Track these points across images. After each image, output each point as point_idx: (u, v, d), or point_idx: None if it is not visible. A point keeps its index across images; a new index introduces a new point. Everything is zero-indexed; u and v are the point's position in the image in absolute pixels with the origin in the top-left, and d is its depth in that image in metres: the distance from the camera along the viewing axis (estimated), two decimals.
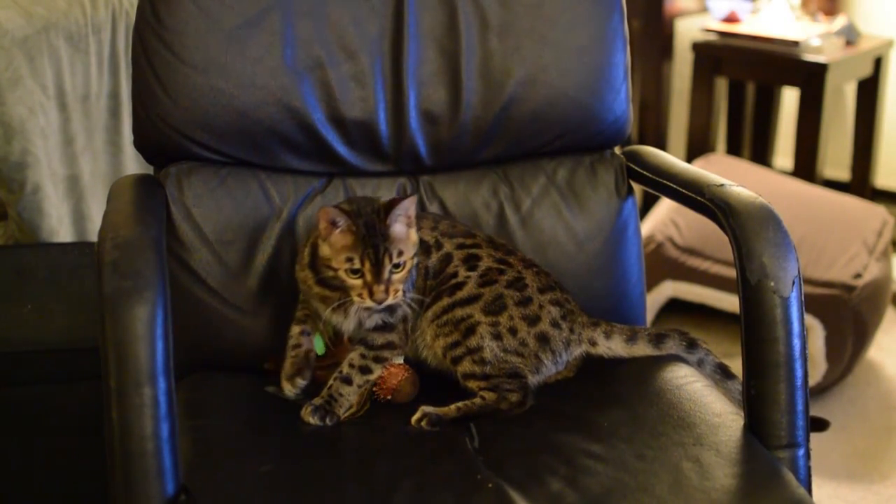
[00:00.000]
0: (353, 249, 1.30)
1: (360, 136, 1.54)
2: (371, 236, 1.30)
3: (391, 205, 1.32)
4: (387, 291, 1.30)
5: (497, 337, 1.38)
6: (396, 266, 1.31)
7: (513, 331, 1.38)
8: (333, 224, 1.31)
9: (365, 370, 1.36)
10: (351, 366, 1.36)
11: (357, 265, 1.30)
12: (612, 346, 1.45)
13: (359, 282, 1.31)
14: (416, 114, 1.55)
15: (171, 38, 1.46)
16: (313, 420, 1.32)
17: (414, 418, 1.34)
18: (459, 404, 1.36)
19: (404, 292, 1.35)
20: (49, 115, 2.11)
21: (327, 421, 1.32)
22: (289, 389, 1.38)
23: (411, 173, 1.60)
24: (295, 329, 1.42)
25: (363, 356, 1.36)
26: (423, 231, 1.42)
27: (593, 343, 1.45)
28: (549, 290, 1.43)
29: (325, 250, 1.33)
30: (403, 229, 1.33)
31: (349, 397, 1.36)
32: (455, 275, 1.41)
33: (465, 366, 1.38)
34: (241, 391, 1.43)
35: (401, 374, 1.39)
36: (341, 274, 1.31)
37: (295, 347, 1.40)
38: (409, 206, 1.33)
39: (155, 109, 1.48)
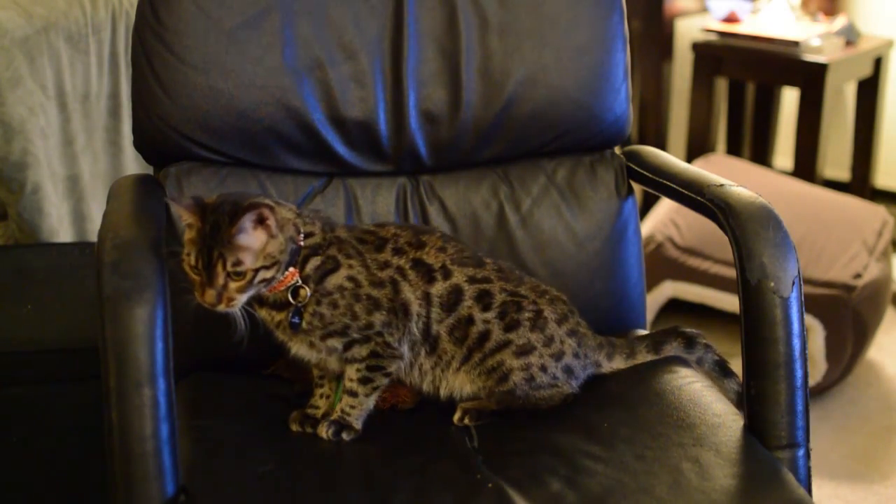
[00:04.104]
0: (193, 245, 1.24)
1: (359, 136, 1.54)
2: (211, 238, 1.22)
3: (242, 210, 1.22)
4: (219, 298, 1.22)
5: (529, 379, 1.36)
6: (237, 274, 1.22)
7: (543, 368, 1.36)
8: (181, 217, 1.27)
9: (364, 381, 1.33)
10: (350, 380, 1.34)
11: (193, 262, 1.23)
12: (614, 365, 1.45)
13: (197, 279, 1.25)
14: (416, 114, 1.55)
15: (171, 38, 1.46)
16: (328, 435, 1.31)
17: (455, 417, 1.35)
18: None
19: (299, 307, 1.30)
20: (49, 115, 2.11)
21: (343, 436, 1.31)
22: (296, 428, 1.35)
23: (411, 173, 1.60)
24: (316, 392, 1.39)
25: (358, 370, 1.34)
26: (428, 253, 1.36)
27: (598, 365, 1.44)
28: (564, 320, 1.39)
29: (185, 235, 1.28)
30: (256, 238, 1.24)
31: (361, 407, 1.33)
32: (472, 320, 1.35)
33: (496, 397, 1.38)
34: (241, 391, 1.43)
35: (401, 389, 1.40)
36: (185, 266, 1.26)
37: (312, 407, 1.37)
38: (263, 214, 1.23)
39: (155, 109, 1.48)
